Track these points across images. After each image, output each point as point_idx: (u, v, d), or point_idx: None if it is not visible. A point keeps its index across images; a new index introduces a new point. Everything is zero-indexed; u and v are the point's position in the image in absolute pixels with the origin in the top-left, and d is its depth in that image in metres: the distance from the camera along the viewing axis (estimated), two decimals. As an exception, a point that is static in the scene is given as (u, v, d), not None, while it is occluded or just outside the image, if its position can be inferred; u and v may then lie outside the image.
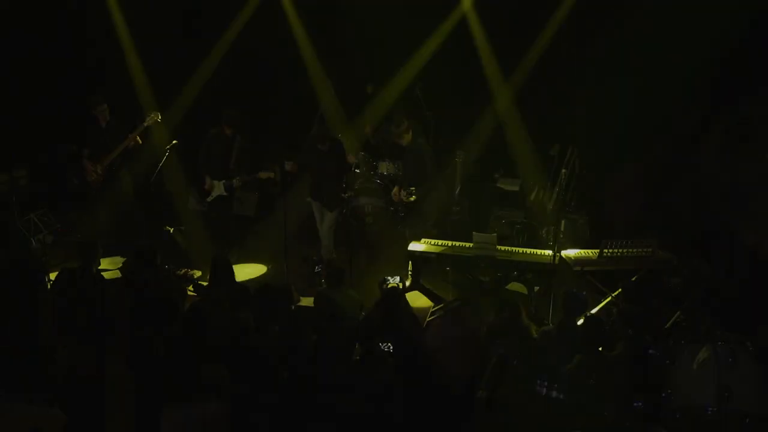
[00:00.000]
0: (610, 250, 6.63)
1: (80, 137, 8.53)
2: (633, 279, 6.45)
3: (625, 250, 6.64)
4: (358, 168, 8.70)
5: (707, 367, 4.45)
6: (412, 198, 7.91)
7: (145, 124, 8.13)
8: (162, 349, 4.86)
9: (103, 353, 4.99)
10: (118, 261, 7.58)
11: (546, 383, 4.51)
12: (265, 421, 4.40)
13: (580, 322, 5.36)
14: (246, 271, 8.02)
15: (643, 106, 8.00)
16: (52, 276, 6.37)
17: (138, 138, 8.16)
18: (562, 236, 7.13)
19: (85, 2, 9.30)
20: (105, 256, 7.45)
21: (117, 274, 7.16)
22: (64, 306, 5.71)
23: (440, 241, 7.29)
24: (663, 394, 4.62)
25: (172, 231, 8.23)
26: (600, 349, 4.98)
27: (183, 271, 7.61)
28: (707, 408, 4.39)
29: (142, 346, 4.98)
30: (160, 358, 4.79)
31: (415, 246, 7.25)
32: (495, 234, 7.29)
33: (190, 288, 6.89)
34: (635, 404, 4.63)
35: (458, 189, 8.60)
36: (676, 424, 4.47)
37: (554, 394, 4.47)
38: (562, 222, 7.36)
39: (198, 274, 7.64)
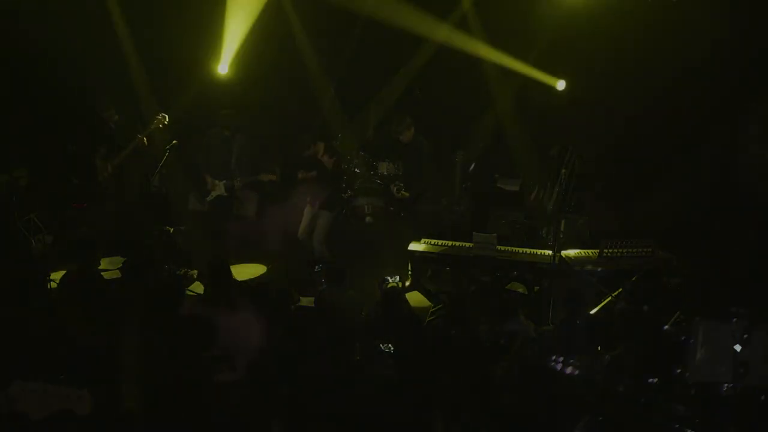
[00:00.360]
0: (610, 250, 6.64)
1: (79, 138, 8.54)
2: (633, 279, 6.45)
3: (625, 250, 6.65)
4: (357, 168, 8.70)
5: (720, 343, 4.46)
6: (404, 194, 8.00)
7: (152, 127, 8.14)
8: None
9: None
10: (118, 261, 7.58)
11: (561, 360, 4.51)
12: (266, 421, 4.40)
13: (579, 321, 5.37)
14: (246, 271, 8.02)
15: (644, 106, 8.01)
16: (53, 276, 6.37)
17: (144, 139, 8.19)
18: (562, 236, 7.14)
19: (85, 2, 9.30)
20: (105, 256, 7.46)
21: (117, 274, 7.15)
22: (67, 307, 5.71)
23: (440, 241, 7.29)
24: (678, 371, 4.62)
25: (172, 231, 8.23)
26: (599, 348, 4.98)
27: (183, 271, 7.60)
28: (723, 384, 4.41)
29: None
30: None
31: (415, 246, 7.25)
32: (495, 234, 7.29)
33: (190, 289, 6.89)
34: (650, 380, 4.63)
35: (458, 189, 8.61)
36: (691, 401, 4.47)
37: (569, 370, 4.47)
38: (562, 222, 7.36)
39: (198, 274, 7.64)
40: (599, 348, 4.98)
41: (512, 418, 4.25)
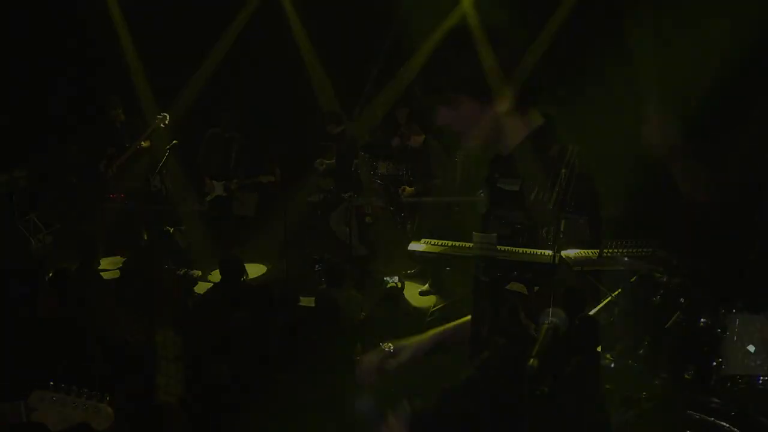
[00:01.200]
0: (610, 250, 6.62)
1: (79, 137, 8.53)
2: (633, 279, 6.44)
3: (625, 250, 6.64)
4: (358, 168, 8.69)
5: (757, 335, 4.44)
6: (409, 190, 8.06)
7: (153, 127, 8.13)
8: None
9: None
10: (118, 261, 7.59)
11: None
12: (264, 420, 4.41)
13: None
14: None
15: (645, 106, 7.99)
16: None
17: (147, 140, 8.19)
18: (562, 236, 7.13)
19: (85, 2, 9.30)
20: (105, 255, 7.47)
21: (117, 274, 7.16)
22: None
23: (440, 241, 7.26)
24: (713, 364, 4.60)
25: (172, 231, 8.23)
26: (599, 349, 4.96)
27: (183, 271, 7.61)
28: (758, 378, 4.39)
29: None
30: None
31: (415, 246, 7.23)
32: (495, 234, 7.27)
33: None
34: (686, 374, 4.61)
35: (458, 189, 8.60)
36: (726, 394, 4.44)
37: (605, 362, 4.44)
38: (562, 222, 7.36)
39: (198, 273, 7.64)
40: (599, 348, 4.96)
41: (543, 413, 4.23)
